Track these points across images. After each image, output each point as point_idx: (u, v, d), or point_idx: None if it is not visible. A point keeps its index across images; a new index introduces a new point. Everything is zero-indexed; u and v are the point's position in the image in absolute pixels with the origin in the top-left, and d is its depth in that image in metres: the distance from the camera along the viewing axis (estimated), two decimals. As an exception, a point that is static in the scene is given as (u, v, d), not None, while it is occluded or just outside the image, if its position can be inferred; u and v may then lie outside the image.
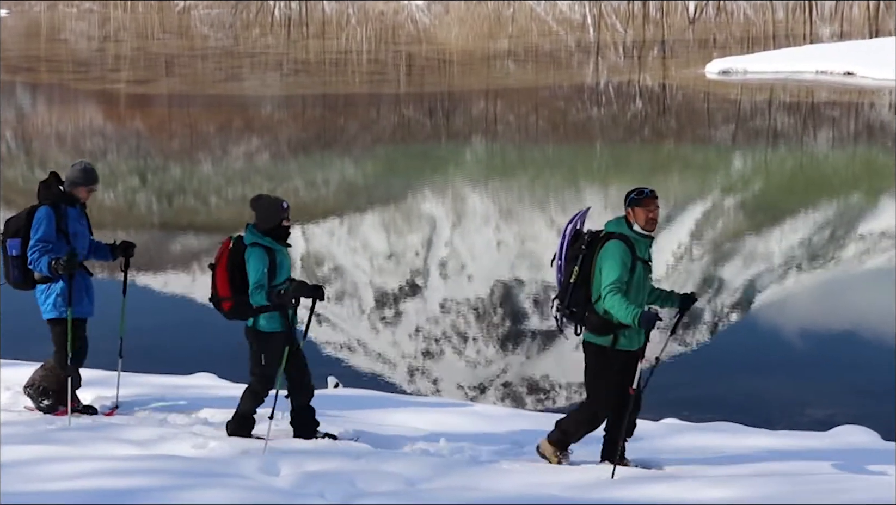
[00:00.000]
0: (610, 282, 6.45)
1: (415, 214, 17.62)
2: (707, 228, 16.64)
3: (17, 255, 7.52)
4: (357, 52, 41.65)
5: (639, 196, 6.58)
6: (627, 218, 6.61)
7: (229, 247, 7.13)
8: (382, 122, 26.45)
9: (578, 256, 6.67)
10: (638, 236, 6.59)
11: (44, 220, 7.46)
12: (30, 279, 7.56)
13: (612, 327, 6.57)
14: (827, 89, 29.05)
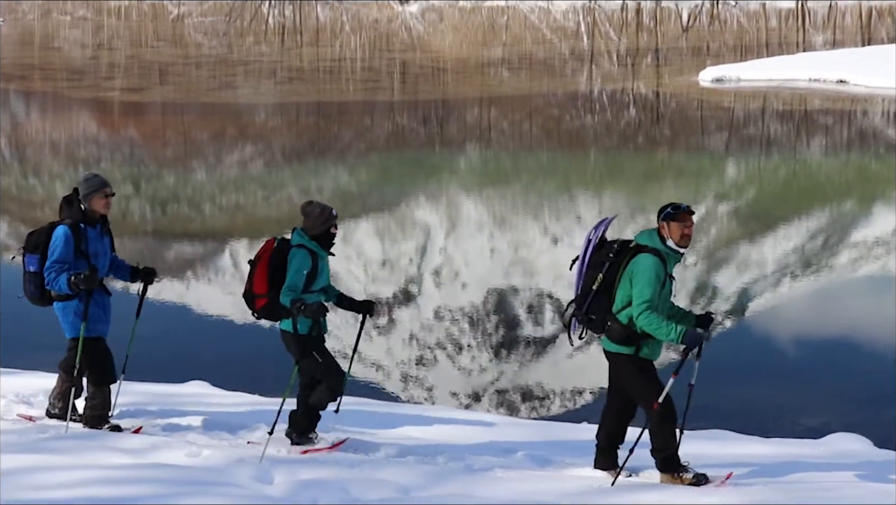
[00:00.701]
0: (645, 300, 6.37)
1: (409, 222, 17.62)
2: (701, 236, 16.66)
3: (34, 271, 7.46)
4: (351, 59, 41.68)
5: (675, 211, 6.50)
6: (661, 232, 6.53)
7: (273, 246, 7.17)
8: (376, 130, 26.46)
9: (604, 263, 6.60)
10: (670, 251, 6.51)
11: (61, 240, 7.38)
12: (46, 296, 7.51)
13: (636, 338, 6.51)
14: (820, 97, 29.13)
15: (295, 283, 6.97)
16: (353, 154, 23.45)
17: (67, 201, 7.57)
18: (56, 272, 7.31)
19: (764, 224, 17.33)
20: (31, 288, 7.52)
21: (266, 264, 7.12)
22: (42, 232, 7.52)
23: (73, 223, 7.44)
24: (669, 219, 6.50)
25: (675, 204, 6.56)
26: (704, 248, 16.02)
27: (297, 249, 7.08)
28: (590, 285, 6.65)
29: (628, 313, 6.49)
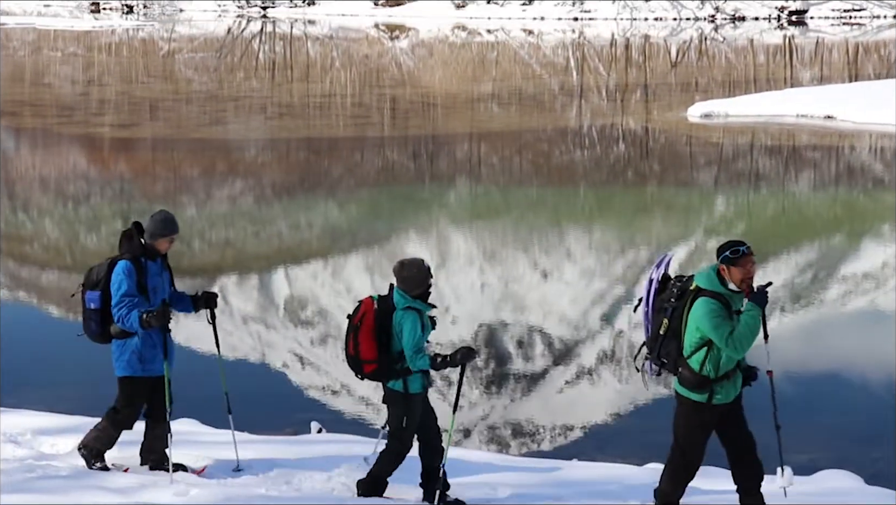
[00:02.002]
0: (724, 336, 6.29)
1: (398, 257, 17.59)
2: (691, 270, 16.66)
3: (95, 308, 7.35)
4: (341, 95, 41.81)
5: (735, 255, 6.39)
6: (721, 274, 6.42)
7: (374, 308, 7.11)
8: (366, 165, 26.51)
9: (667, 308, 6.51)
10: (732, 293, 6.41)
11: (124, 275, 7.30)
12: (107, 333, 7.41)
13: (708, 383, 6.43)
14: (808, 132, 29.29)
15: (418, 344, 6.96)
16: (343, 189, 23.48)
17: (128, 236, 7.49)
18: (127, 308, 7.20)
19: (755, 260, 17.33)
20: (92, 325, 7.41)
21: (371, 328, 7.07)
22: (102, 267, 7.42)
23: (133, 257, 7.35)
24: (730, 263, 6.41)
25: (734, 246, 6.45)
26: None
27: (406, 312, 7.05)
28: (657, 329, 6.57)
29: (699, 358, 6.40)
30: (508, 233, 19.33)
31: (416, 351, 6.92)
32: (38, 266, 17.25)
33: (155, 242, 7.44)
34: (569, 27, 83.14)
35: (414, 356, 6.92)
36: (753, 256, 6.47)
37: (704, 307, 6.33)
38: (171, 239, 7.56)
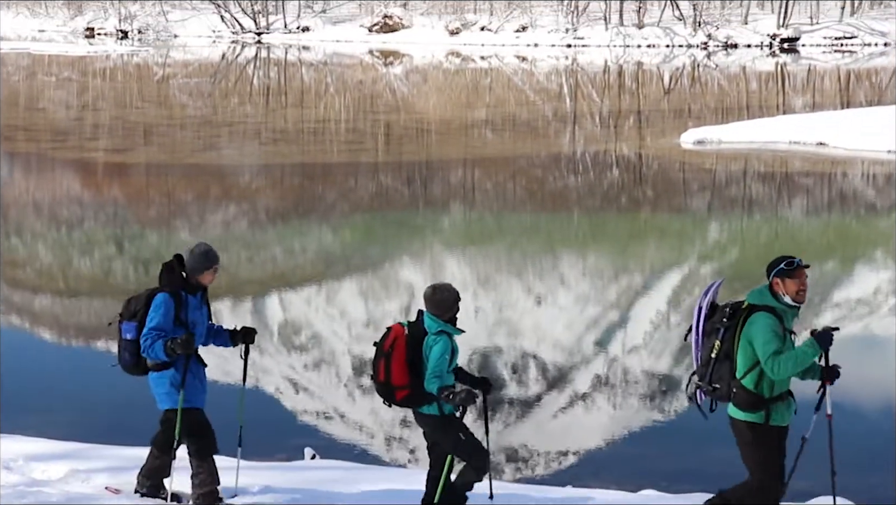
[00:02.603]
0: (771, 352, 6.24)
1: (393, 282, 17.63)
2: (685, 296, 16.70)
3: (131, 338, 7.31)
4: (335, 120, 41.90)
5: (789, 267, 6.39)
6: (774, 288, 6.42)
7: (404, 333, 7.11)
8: (360, 191, 26.54)
9: (719, 329, 6.44)
10: (786, 307, 6.38)
11: (161, 308, 7.25)
12: (142, 364, 7.37)
13: (764, 402, 6.37)
14: (800, 159, 29.39)
15: (441, 369, 6.95)
16: (337, 214, 23.50)
17: (169, 268, 7.47)
18: (152, 339, 7.15)
19: (747, 285, 17.35)
20: (126, 356, 7.35)
21: (403, 354, 7.07)
22: (141, 299, 7.37)
23: (174, 291, 7.30)
24: (784, 276, 6.41)
25: (787, 259, 6.46)
26: (687, 308, 16.04)
27: (438, 336, 7.05)
28: (709, 354, 6.49)
29: (753, 377, 6.35)
30: (502, 258, 19.34)
31: (434, 374, 6.95)
32: (31, 291, 17.21)
33: (198, 276, 7.41)
34: (562, 54, 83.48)
35: (430, 378, 6.94)
36: (808, 268, 6.46)
37: (760, 320, 6.31)
38: (215, 270, 7.55)
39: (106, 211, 23.80)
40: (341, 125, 40.54)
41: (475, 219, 23.13)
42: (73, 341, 14.79)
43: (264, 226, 22.10)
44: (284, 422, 11.08)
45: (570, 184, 27.40)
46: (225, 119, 41.92)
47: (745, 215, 23.15)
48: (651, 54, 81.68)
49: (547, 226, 22.32)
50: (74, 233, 21.60)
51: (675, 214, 23.40)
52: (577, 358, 13.60)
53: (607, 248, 20.38)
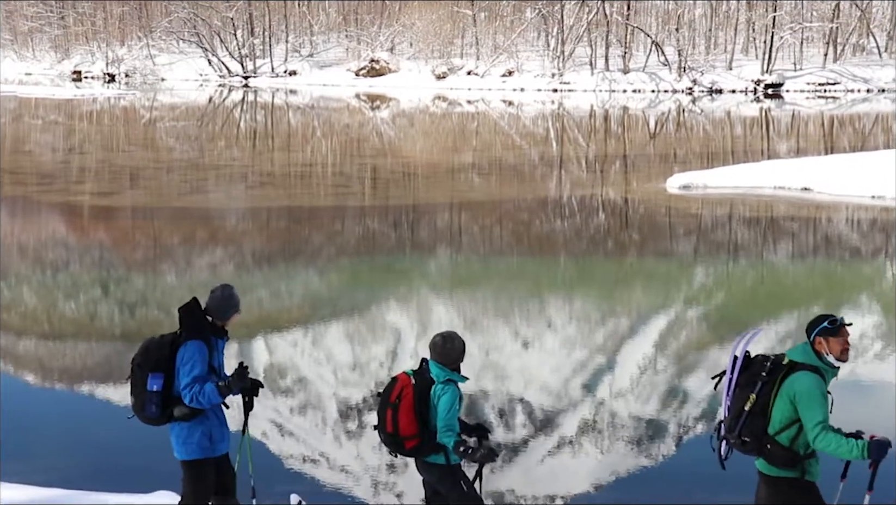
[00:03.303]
0: (818, 421, 6.12)
1: (379, 325, 17.59)
2: (671, 340, 16.71)
3: (157, 390, 7.15)
4: (322, 164, 42.00)
5: (833, 325, 6.30)
6: (816, 347, 6.32)
7: (411, 383, 7.09)
8: (347, 234, 26.55)
9: (756, 382, 6.34)
10: (829, 367, 6.30)
11: (197, 355, 7.15)
12: (167, 415, 7.28)
13: (799, 458, 6.29)
14: (785, 204, 29.55)
15: (452, 421, 6.92)
16: (324, 258, 23.49)
17: (189, 312, 7.34)
18: (200, 385, 7.08)
19: (733, 329, 17.40)
20: (152, 408, 7.17)
21: (411, 403, 7.04)
22: (164, 346, 7.23)
23: (204, 336, 7.22)
24: (828, 334, 6.33)
25: (831, 318, 6.36)
26: (674, 352, 16.06)
27: (447, 386, 7.03)
28: (741, 406, 6.39)
29: (789, 435, 6.26)
30: (489, 302, 19.34)
31: (447, 427, 6.91)
32: (14, 334, 17.11)
33: (224, 319, 7.35)
34: (548, 98, 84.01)
35: (443, 431, 6.91)
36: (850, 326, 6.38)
37: (808, 380, 6.20)
38: (238, 312, 7.47)
39: (92, 254, 23.74)
40: (328, 169, 40.63)
41: (462, 262, 23.15)
42: (58, 385, 14.69)
43: (251, 269, 22.07)
44: (270, 467, 11.01)
45: (557, 228, 27.47)
46: (212, 162, 41.96)
47: (730, 260, 23.23)
48: (637, 99, 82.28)
49: (534, 270, 22.35)
50: (59, 276, 21.53)
51: (661, 259, 23.46)
52: (564, 402, 13.57)
53: (594, 292, 20.40)
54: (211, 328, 7.26)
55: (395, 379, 7.20)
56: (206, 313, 7.32)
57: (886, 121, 62.56)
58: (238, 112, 74.81)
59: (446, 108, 77.32)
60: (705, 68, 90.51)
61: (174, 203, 30.73)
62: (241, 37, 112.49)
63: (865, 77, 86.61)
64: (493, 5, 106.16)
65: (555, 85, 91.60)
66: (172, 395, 7.16)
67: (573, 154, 45.91)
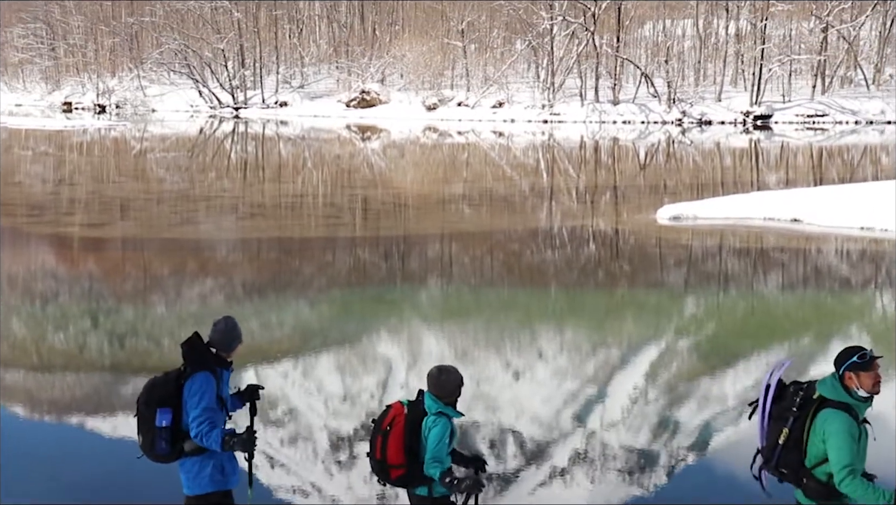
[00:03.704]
0: (844, 465, 6.06)
1: (370, 356, 17.55)
2: (662, 371, 16.70)
3: (167, 425, 7.14)
4: (313, 195, 42.04)
5: (862, 360, 6.22)
6: (846, 383, 6.23)
7: (404, 413, 7.07)
8: (338, 265, 26.54)
9: (788, 417, 6.30)
10: (861, 401, 6.22)
11: (206, 388, 7.18)
12: (177, 451, 7.26)
13: (837, 494, 6.22)
14: (775, 235, 29.64)
15: (441, 454, 6.88)
16: (314, 289, 23.46)
17: (193, 346, 7.37)
18: (209, 424, 7.03)
19: (724, 359, 17.42)
20: (162, 444, 7.16)
21: (401, 433, 7.02)
22: (169, 383, 7.24)
23: (210, 368, 7.24)
24: (858, 369, 6.24)
25: (860, 352, 6.27)
26: (665, 383, 16.04)
27: (438, 418, 6.98)
28: (776, 438, 6.36)
29: (825, 470, 6.19)
30: (480, 333, 19.32)
31: (434, 459, 6.88)
32: (3, 366, 17.03)
33: (229, 351, 7.40)
34: (538, 129, 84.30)
35: (430, 463, 6.88)
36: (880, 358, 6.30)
37: (836, 422, 6.12)
38: (241, 342, 7.57)
39: (81, 285, 23.69)
40: (319, 199, 40.66)
41: (453, 293, 23.13)
42: (47, 417, 14.61)
43: (241, 300, 22.03)
44: (261, 498, 10.94)
45: (548, 258, 27.50)
46: (202, 193, 41.98)
47: (721, 290, 23.26)
48: (627, 130, 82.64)
49: (525, 300, 22.35)
50: (49, 307, 21.46)
51: (652, 289, 23.49)
52: (555, 433, 13.54)
53: (585, 322, 20.40)
54: (216, 360, 7.28)
55: (389, 407, 7.20)
56: (209, 346, 7.35)
57: (875, 152, 62.91)
58: (228, 143, 74.90)
59: (437, 138, 77.53)
60: (694, 100, 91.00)
61: (164, 234, 30.71)
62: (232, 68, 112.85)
63: (854, 109, 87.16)
64: (483, 37, 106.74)
65: (545, 116, 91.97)
66: (181, 430, 7.15)
67: (564, 185, 46.02)
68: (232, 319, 7.68)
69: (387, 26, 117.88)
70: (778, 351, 17.73)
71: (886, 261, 26.37)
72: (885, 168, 51.84)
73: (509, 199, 40.60)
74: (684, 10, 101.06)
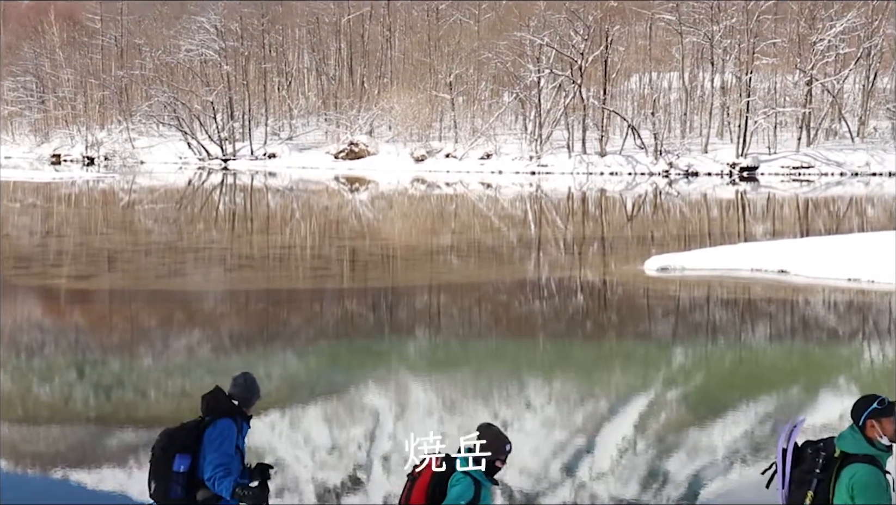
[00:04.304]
0: None
1: (358, 408, 17.48)
2: (650, 422, 16.66)
3: (184, 470, 7.19)
4: (301, 246, 42.04)
5: (882, 405, 6.07)
6: (867, 432, 6.08)
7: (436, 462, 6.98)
8: (326, 316, 26.49)
9: (811, 480, 6.11)
10: (883, 451, 6.07)
11: (227, 434, 7.29)
12: (191, 498, 7.25)
13: None
14: (762, 286, 29.70)
15: None
16: (302, 340, 23.40)
17: (214, 398, 7.50)
18: (224, 470, 7.06)
19: (713, 410, 17.39)
20: (178, 489, 7.19)
21: (427, 482, 6.93)
22: (189, 430, 7.32)
23: (233, 417, 7.35)
24: (880, 416, 6.09)
25: (880, 398, 6.13)
26: (654, 434, 15.99)
27: (463, 476, 6.81)
28: (800, 503, 6.17)
29: None
30: (468, 384, 19.27)
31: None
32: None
33: (249, 405, 7.51)
34: (526, 180, 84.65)
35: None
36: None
37: (865, 475, 5.97)
38: (259, 398, 7.77)
39: (68, 337, 23.58)
40: (307, 251, 40.67)
41: (441, 344, 23.09)
42: (30, 471, 14.48)
43: (228, 352, 21.95)
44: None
45: (536, 309, 27.49)
46: (190, 245, 41.96)
47: (709, 341, 23.27)
48: (614, 181, 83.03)
49: (513, 351, 22.32)
50: (32, 359, 21.34)
51: (640, 340, 23.48)
52: (543, 484, 13.47)
53: (573, 373, 20.36)
54: (239, 412, 7.42)
55: (425, 458, 7.15)
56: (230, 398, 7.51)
57: (860, 204, 63.28)
58: (217, 194, 75.00)
59: (425, 190, 77.76)
60: (681, 151, 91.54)
61: (152, 286, 30.64)
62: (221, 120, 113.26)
63: (839, 161, 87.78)
64: (471, 89, 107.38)
65: (532, 167, 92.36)
66: (197, 478, 7.17)
67: (551, 236, 46.14)
68: (251, 375, 7.86)
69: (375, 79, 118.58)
70: (767, 402, 17.71)
71: (874, 312, 26.44)
72: (870, 219, 52.13)
73: (497, 249, 40.67)
74: (670, 64, 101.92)
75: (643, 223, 52.20)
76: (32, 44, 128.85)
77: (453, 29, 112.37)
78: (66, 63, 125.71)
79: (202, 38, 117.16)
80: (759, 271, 30.98)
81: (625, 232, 47.61)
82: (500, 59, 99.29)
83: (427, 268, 35.14)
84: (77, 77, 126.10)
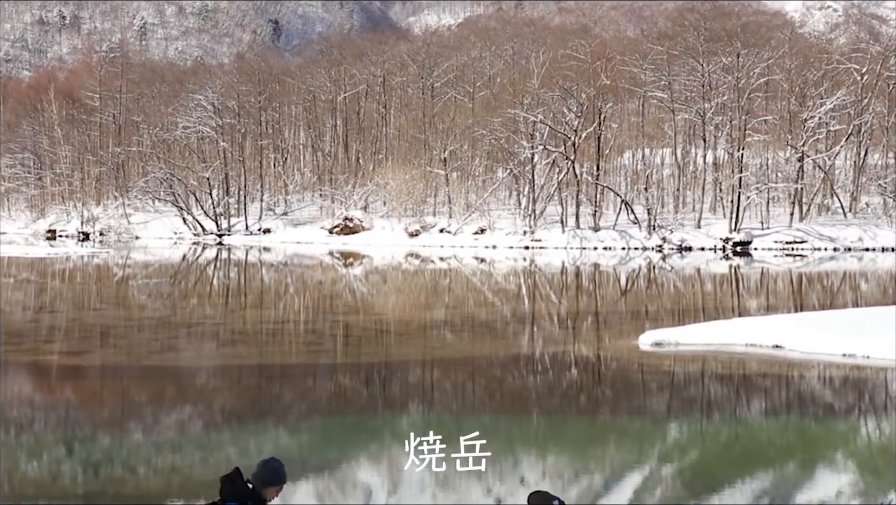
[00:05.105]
0: None
1: (350, 484, 17.30)
2: (646, 498, 16.50)
3: None
4: (294, 321, 41.95)
5: None
6: None
7: None
8: (318, 392, 26.35)
9: None
10: None
11: None
12: None
13: None
14: (757, 361, 29.62)
15: None
16: (295, 416, 23.23)
17: (230, 481, 7.62)
18: None
19: (708, 486, 17.23)
20: None
21: None
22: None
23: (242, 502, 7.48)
24: None
25: None
26: (649, 511, 15.83)
27: None
28: None
29: None
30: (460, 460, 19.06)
31: None
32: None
33: (265, 489, 7.60)
34: (520, 255, 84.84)
35: None
36: None
37: None
38: (280, 487, 7.75)
39: (58, 413, 23.40)
40: (300, 326, 40.56)
41: (434, 419, 22.92)
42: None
43: (220, 427, 21.78)
44: None
45: (530, 384, 27.37)
46: (184, 320, 41.85)
47: (704, 417, 23.14)
48: (608, 256, 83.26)
49: (506, 426, 22.16)
50: (21, 434, 21.15)
51: (634, 415, 23.35)
52: (537, 563, 13.26)
53: (567, 448, 20.20)
54: (251, 495, 7.50)
55: None
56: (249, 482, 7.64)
57: (854, 279, 63.41)
58: (211, 269, 75.02)
59: (419, 265, 77.86)
60: (674, 226, 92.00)
61: (144, 361, 30.50)
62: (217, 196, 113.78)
63: (832, 236, 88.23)
64: (465, 165, 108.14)
65: (526, 242, 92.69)
66: None
67: (545, 310, 46.09)
68: (277, 460, 8.01)
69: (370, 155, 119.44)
70: (762, 478, 17.57)
71: (870, 387, 26.34)
72: (864, 294, 52.19)
73: (491, 324, 40.59)
74: (662, 140, 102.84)
75: (637, 298, 52.21)
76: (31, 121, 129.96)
77: (448, 106, 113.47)
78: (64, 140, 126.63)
79: (199, 116, 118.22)
80: (754, 346, 30.91)
81: (619, 306, 47.59)
82: (495, 135, 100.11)
83: (421, 342, 35.03)
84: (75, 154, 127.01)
